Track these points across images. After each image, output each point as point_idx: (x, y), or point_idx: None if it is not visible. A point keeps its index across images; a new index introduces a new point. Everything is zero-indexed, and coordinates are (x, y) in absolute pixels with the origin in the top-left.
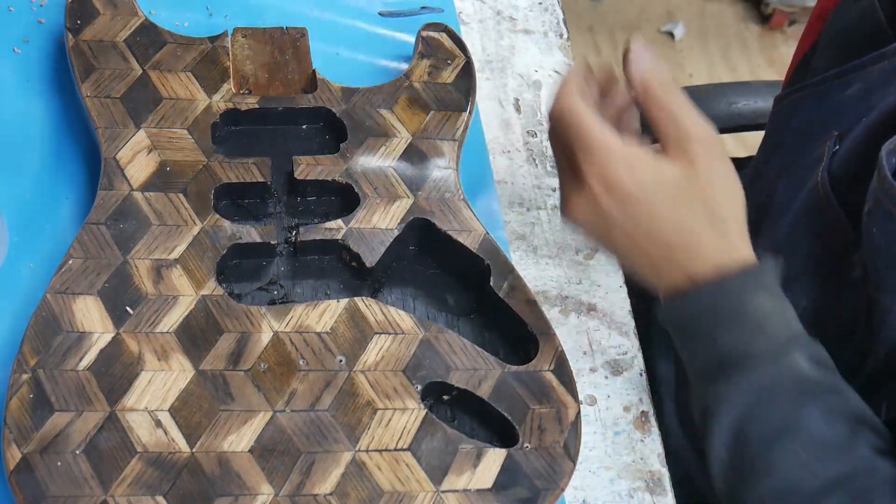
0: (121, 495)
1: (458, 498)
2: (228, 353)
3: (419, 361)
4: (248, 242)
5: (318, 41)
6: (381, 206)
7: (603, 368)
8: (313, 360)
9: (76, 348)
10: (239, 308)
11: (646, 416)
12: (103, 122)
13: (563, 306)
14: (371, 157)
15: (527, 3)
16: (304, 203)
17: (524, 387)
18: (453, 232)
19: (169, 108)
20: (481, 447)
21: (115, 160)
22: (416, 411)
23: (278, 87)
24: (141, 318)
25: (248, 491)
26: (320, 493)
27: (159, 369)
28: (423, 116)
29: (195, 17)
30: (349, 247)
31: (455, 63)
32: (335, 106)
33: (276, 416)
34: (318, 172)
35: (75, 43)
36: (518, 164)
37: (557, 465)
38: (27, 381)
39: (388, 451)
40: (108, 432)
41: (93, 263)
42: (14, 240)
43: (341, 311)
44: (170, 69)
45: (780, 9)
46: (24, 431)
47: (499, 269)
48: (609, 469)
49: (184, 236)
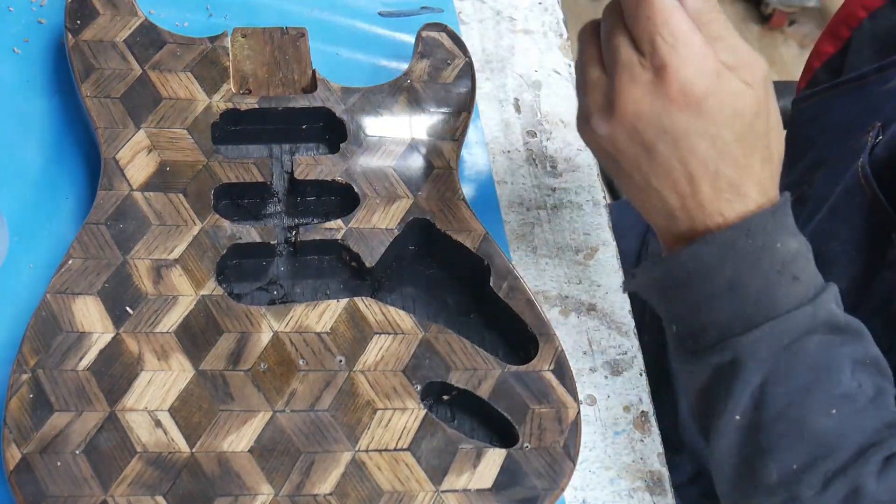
0: (121, 495)
1: (458, 498)
2: (228, 353)
3: (419, 361)
4: (248, 242)
5: (318, 41)
6: (380, 206)
7: (603, 368)
8: (313, 360)
9: (76, 348)
10: (239, 308)
11: (646, 416)
12: (103, 122)
13: (563, 306)
14: (371, 157)
15: (527, 3)
16: (304, 203)
17: (524, 387)
18: (453, 232)
19: (169, 108)
20: (481, 447)
21: (114, 160)
22: (416, 411)
23: (278, 87)
24: (141, 318)
25: (247, 491)
26: (320, 493)
27: (159, 369)
28: (423, 116)
29: (195, 17)
30: (349, 247)
31: (455, 63)
32: (335, 106)
33: (275, 416)
34: (318, 172)
35: (75, 43)
36: (518, 164)
37: (557, 465)
38: (27, 381)
39: (388, 451)
40: (107, 432)
41: (93, 263)
42: (14, 240)
43: (341, 311)
44: (170, 69)
45: (779, 9)
46: (23, 431)
47: (498, 270)
48: (609, 469)
49: (184, 236)
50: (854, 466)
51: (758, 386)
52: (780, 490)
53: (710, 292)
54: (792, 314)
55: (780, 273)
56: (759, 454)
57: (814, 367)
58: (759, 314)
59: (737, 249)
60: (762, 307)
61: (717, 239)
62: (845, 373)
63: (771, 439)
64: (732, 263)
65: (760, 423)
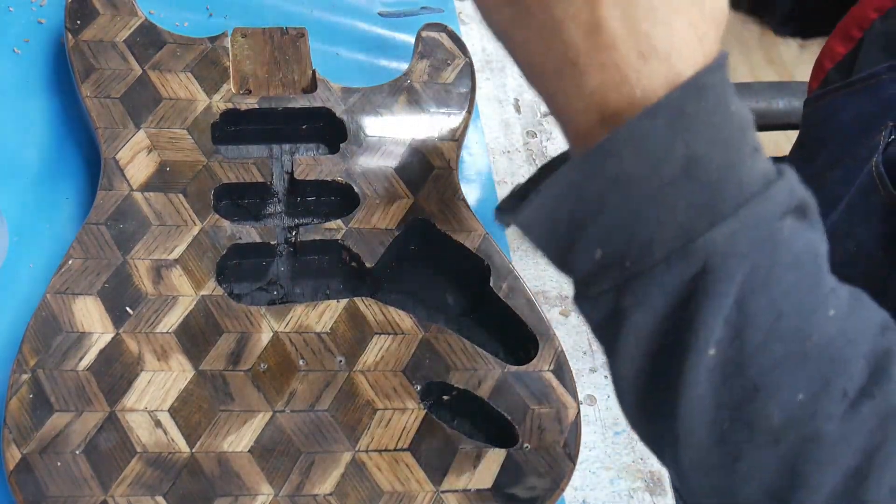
0: (120, 495)
1: (457, 498)
2: (228, 353)
3: (419, 361)
4: (248, 242)
5: (318, 41)
6: (380, 206)
7: (603, 368)
8: (313, 360)
9: (76, 348)
10: (239, 308)
11: None
12: (103, 123)
13: (563, 306)
14: (371, 158)
15: None
16: (304, 203)
17: (524, 387)
18: (453, 232)
19: (169, 108)
20: (481, 447)
21: (114, 160)
22: (416, 411)
23: (278, 88)
24: (141, 319)
25: (247, 491)
26: (320, 493)
27: (159, 369)
28: (423, 116)
29: (195, 18)
30: (349, 247)
31: (455, 63)
32: (335, 106)
33: (275, 416)
34: (318, 172)
35: (75, 43)
36: (518, 164)
37: (557, 465)
38: (27, 381)
39: (388, 452)
40: (107, 432)
41: (93, 263)
42: (14, 240)
43: (341, 312)
44: (170, 69)
45: None
46: (23, 431)
47: (498, 270)
48: (609, 469)
49: (184, 236)
50: (879, 385)
51: (734, 301)
52: (787, 433)
53: (658, 183)
54: (765, 195)
55: (740, 143)
56: (748, 396)
57: (795, 262)
58: (727, 200)
59: (689, 116)
60: (729, 191)
61: (663, 106)
62: (824, 264)
63: (763, 370)
64: (687, 136)
65: (744, 353)
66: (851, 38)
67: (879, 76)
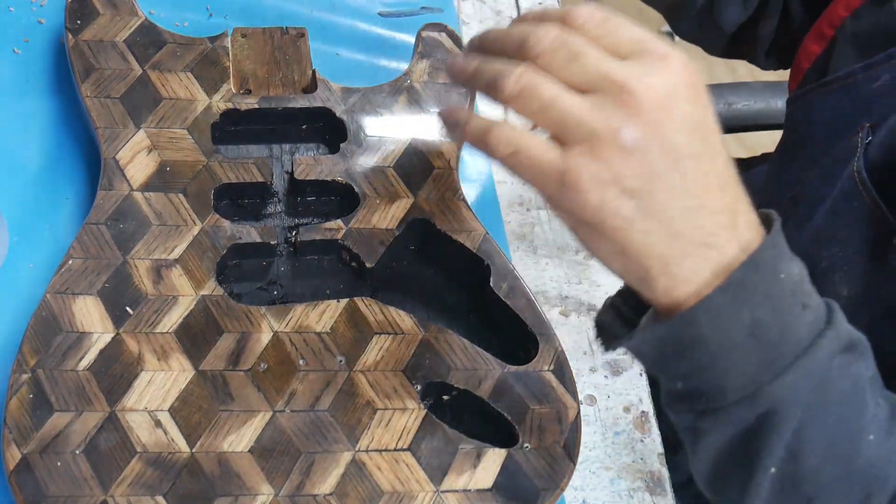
0: (120, 495)
1: (458, 498)
2: (228, 353)
3: (419, 361)
4: (248, 242)
5: (318, 41)
6: (380, 206)
7: (603, 368)
8: (313, 360)
9: (76, 348)
10: (239, 308)
11: (646, 416)
12: (103, 123)
13: (563, 306)
14: (371, 157)
15: (527, 4)
16: (304, 203)
17: (524, 387)
18: (453, 232)
19: (169, 108)
20: (481, 447)
21: (114, 160)
22: (416, 411)
23: (278, 87)
24: (141, 318)
25: (247, 491)
26: (320, 493)
27: (159, 369)
28: (423, 116)
29: (195, 18)
30: (349, 247)
31: None
32: (335, 106)
33: (275, 416)
34: (318, 172)
35: (75, 43)
36: None
37: (557, 465)
38: (27, 382)
39: (388, 451)
40: (107, 432)
41: (93, 263)
42: (14, 240)
43: (341, 311)
44: (170, 69)
45: None
46: (23, 431)
47: (498, 270)
48: (609, 469)
49: (184, 236)
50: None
51: (792, 433)
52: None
53: (729, 344)
54: (816, 345)
55: (791, 304)
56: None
57: (842, 397)
58: (786, 355)
59: (749, 289)
60: (787, 346)
61: (729, 283)
62: (867, 394)
63: (817, 486)
64: (750, 306)
65: (799, 472)
66: (824, 37)
67: (855, 76)
